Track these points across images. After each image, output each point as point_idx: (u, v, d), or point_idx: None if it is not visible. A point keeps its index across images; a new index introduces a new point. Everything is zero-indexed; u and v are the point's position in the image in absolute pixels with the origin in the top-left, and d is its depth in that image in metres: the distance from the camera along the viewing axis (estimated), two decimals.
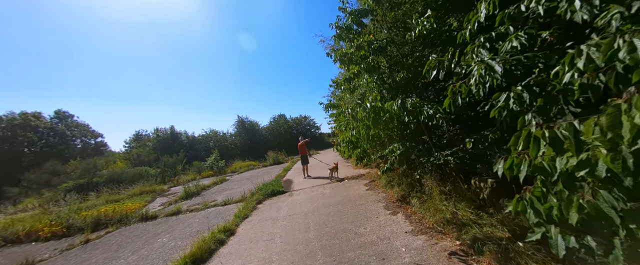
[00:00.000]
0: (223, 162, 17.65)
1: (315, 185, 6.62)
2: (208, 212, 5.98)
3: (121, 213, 6.60)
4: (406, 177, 4.29)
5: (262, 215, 4.84)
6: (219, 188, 9.70)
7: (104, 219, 6.34)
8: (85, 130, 28.77)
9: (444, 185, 3.32)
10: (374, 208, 3.94)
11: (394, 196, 4.15)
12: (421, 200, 3.38)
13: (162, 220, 6.02)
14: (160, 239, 4.58)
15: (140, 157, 20.14)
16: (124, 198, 10.31)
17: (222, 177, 12.68)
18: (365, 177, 6.42)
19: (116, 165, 17.73)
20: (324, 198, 5.16)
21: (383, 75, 3.39)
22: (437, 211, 2.98)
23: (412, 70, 3.25)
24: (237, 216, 4.87)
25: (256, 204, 5.71)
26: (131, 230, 5.65)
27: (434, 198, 3.23)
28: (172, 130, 24.60)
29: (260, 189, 6.94)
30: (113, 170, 15.34)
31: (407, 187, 4.03)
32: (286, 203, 5.38)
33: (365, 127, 3.07)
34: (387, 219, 3.38)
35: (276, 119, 30.20)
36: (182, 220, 5.66)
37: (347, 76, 3.40)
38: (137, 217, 6.35)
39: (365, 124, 3.10)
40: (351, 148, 3.56)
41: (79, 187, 13.36)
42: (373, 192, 4.89)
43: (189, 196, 8.77)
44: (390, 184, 4.67)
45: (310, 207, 4.70)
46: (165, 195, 10.63)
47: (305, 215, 4.29)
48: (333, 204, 4.58)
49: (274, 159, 17.10)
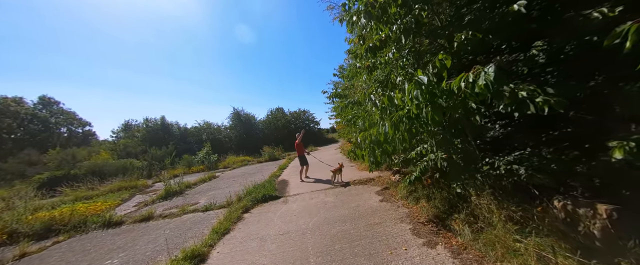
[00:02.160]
0: (215, 157, 16.50)
1: (315, 190, 5.55)
2: (184, 220, 4.90)
3: (81, 216, 5.49)
4: (439, 188, 3.22)
5: (248, 230, 3.78)
6: (205, 186, 8.61)
7: (59, 223, 5.22)
8: (72, 118, 27.28)
9: (508, 207, 2.26)
10: (396, 232, 2.88)
11: (423, 215, 3.09)
12: (474, 228, 2.32)
13: (127, 229, 4.93)
14: (110, 260, 3.49)
15: (127, 149, 18.90)
16: (99, 194, 9.16)
17: (211, 174, 11.57)
18: (376, 182, 5.36)
19: (99, 156, 16.49)
20: (326, 210, 4.09)
21: (439, 32, 2.23)
22: (507, 251, 1.93)
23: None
24: (215, 231, 3.80)
25: (242, 212, 4.63)
26: (85, 240, 4.55)
27: (496, 227, 2.17)
28: (163, 121, 23.24)
29: (249, 192, 5.86)
30: (94, 162, 14.12)
31: (442, 204, 2.97)
32: (279, 214, 4.31)
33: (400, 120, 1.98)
34: (423, 254, 2.32)
35: (274, 113, 28.94)
36: (151, 230, 4.58)
37: (372, 44, 2.30)
38: (99, 223, 5.25)
39: (400, 115, 2.01)
40: (381, 152, 2.45)
41: (54, 180, 12.17)
42: (390, 205, 3.83)
43: (169, 196, 7.67)
44: (414, 196, 3.61)
45: (309, 223, 3.63)
46: (146, 192, 9.51)
47: (302, 235, 3.23)
48: (339, 221, 3.52)
49: (270, 155, 16.02)
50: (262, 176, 8.73)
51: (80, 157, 15.71)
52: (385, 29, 2.22)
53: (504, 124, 3.10)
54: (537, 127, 2.63)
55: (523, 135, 2.84)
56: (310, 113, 31.24)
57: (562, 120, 2.42)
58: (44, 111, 24.83)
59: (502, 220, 2.17)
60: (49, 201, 7.86)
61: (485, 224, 2.27)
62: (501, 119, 3.09)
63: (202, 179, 9.94)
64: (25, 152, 15.36)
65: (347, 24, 3.06)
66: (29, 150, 15.55)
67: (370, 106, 2.37)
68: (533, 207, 2.22)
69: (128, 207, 7.04)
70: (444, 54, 1.68)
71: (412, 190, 3.71)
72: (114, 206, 7.27)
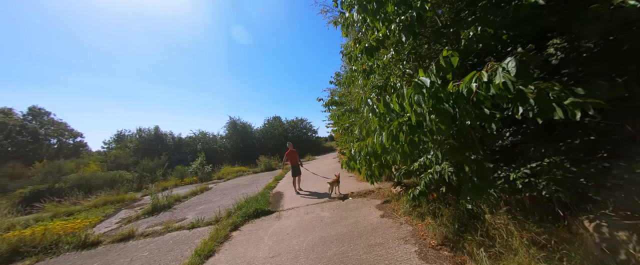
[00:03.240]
0: (209, 167, 16.01)
1: (311, 204, 5.19)
2: (166, 240, 4.47)
3: (54, 236, 5.01)
4: (446, 204, 2.91)
5: (234, 252, 3.38)
6: (196, 200, 8.14)
7: (28, 244, 4.73)
8: (63, 129, 26.60)
9: (530, 228, 1.96)
10: (401, 255, 2.54)
11: (430, 234, 2.76)
12: (491, 252, 2.00)
13: (102, 250, 4.47)
14: None
15: (118, 160, 18.29)
16: (81, 210, 8.61)
17: (204, 186, 11.08)
18: (376, 194, 5.02)
19: (88, 168, 15.86)
20: (322, 227, 3.73)
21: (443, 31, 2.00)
22: None
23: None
24: (197, 253, 3.40)
25: (230, 230, 4.23)
26: None
27: (518, 252, 1.85)
28: (157, 131, 22.76)
29: (240, 206, 5.47)
30: (81, 175, 13.52)
31: (451, 222, 2.64)
32: (270, 232, 3.92)
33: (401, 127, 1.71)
34: None
35: (271, 121, 28.62)
36: (128, 252, 4.14)
37: (368, 44, 2.07)
38: (72, 244, 4.77)
39: (400, 122, 1.73)
40: (378, 165, 2.16)
41: (37, 194, 11.53)
42: (392, 221, 3.49)
43: (156, 210, 7.20)
44: (418, 212, 3.29)
45: (303, 243, 3.27)
46: (132, 206, 8.98)
47: (294, 259, 2.86)
48: (336, 240, 3.16)
49: (265, 165, 15.58)
50: (256, 188, 8.31)
51: (67, 169, 15.07)
52: (382, 27, 1.99)
53: (513, 131, 2.86)
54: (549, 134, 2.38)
55: (534, 144, 2.58)
56: (308, 121, 31.04)
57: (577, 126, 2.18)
58: (34, 122, 24.20)
59: (524, 244, 1.86)
60: (24, 218, 7.30)
61: (504, 248, 1.95)
62: (508, 126, 2.84)
63: (193, 192, 9.47)
64: (9, 165, 14.69)
65: (342, 26, 2.84)
66: (12, 163, 14.89)
67: (366, 112, 2.09)
68: (557, 228, 1.92)
69: (110, 224, 6.55)
70: (450, 50, 1.42)
71: (415, 205, 3.39)
72: (95, 223, 6.77)
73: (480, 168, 2.00)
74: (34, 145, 22.55)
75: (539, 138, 2.55)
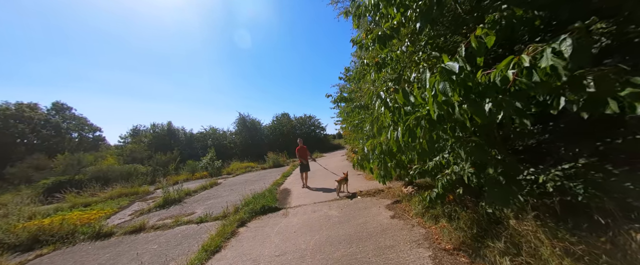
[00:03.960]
0: (219, 163, 16.26)
1: (318, 201, 5.09)
2: (175, 233, 4.52)
3: (71, 226, 5.19)
4: (463, 207, 2.71)
5: (241, 248, 3.34)
6: (205, 194, 8.26)
7: (47, 233, 4.92)
8: (83, 123, 27.91)
9: (563, 237, 1.75)
10: (413, 259, 2.38)
11: (445, 238, 2.58)
12: (516, 262, 1.81)
13: (115, 241, 4.58)
14: None
15: (134, 154, 18.96)
16: (98, 201, 8.96)
17: (213, 180, 11.25)
18: (386, 193, 4.84)
19: (105, 161, 16.54)
20: (329, 226, 3.62)
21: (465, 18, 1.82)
22: None
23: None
24: (204, 248, 3.38)
25: (237, 226, 4.21)
26: (69, 254, 4.22)
27: (549, 263, 1.66)
28: (170, 126, 23.37)
29: (248, 202, 5.45)
30: (99, 167, 14.10)
31: (469, 226, 2.45)
32: (277, 229, 3.86)
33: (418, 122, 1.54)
34: None
35: (279, 118, 28.72)
36: (139, 244, 4.21)
37: (381, 32, 1.91)
38: (88, 234, 4.93)
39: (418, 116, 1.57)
40: (394, 165, 2.00)
41: (58, 185, 12.15)
42: (403, 223, 3.33)
43: (167, 204, 7.35)
44: (431, 214, 3.10)
45: (310, 242, 3.17)
46: (145, 199, 9.24)
47: (300, 259, 2.77)
48: (344, 241, 3.04)
49: (274, 161, 15.63)
50: (264, 184, 8.32)
51: (87, 162, 15.78)
52: (397, 14, 1.82)
53: (539, 129, 2.61)
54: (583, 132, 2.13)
55: (565, 144, 2.34)
56: (316, 118, 30.90)
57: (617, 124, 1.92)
58: (57, 117, 25.51)
59: (557, 254, 1.66)
60: (45, 208, 7.67)
61: (533, 258, 1.76)
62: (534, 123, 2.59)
63: (203, 186, 9.63)
64: (34, 157, 15.57)
65: (353, 16, 2.68)
66: (37, 155, 15.77)
67: (378, 106, 1.93)
68: (598, 238, 1.70)
69: (124, 216, 6.75)
70: (485, 28, 1.24)
71: (429, 207, 3.20)
72: (109, 214, 7.00)
73: (507, 169, 1.80)
74: (57, 138, 23.80)
75: (571, 137, 2.31)
